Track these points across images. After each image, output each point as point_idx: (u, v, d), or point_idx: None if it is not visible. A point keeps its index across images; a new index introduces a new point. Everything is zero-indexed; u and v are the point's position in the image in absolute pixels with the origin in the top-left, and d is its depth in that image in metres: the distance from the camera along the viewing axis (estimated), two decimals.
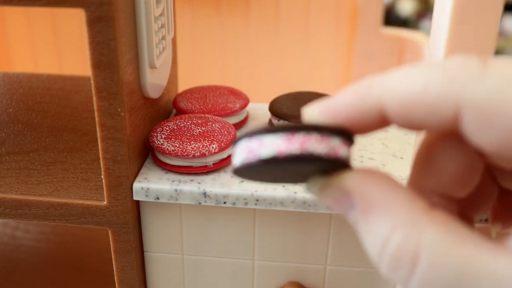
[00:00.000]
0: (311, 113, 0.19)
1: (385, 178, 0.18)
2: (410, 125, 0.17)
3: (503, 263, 0.15)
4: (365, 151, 0.35)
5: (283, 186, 0.31)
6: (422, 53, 0.60)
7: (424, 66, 0.17)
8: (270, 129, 0.18)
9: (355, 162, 0.34)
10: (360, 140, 0.37)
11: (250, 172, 0.20)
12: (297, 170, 0.19)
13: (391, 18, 1.66)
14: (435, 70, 0.16)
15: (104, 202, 0.32)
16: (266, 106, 0.42)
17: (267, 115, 0.40)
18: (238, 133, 0.20)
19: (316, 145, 0.18)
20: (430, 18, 0.29)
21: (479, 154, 0.19)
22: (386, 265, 0.17)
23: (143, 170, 0.33)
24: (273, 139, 0.18)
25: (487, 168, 0.21)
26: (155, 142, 0.33)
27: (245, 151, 0.19)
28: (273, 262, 0.34)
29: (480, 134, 0.16)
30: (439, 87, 0.16)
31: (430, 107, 0.16)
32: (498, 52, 1.60)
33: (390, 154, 0.35)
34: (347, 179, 0.18)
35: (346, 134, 0.18)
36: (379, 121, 0.18)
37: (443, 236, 0.16)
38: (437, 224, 0.16)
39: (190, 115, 0.37)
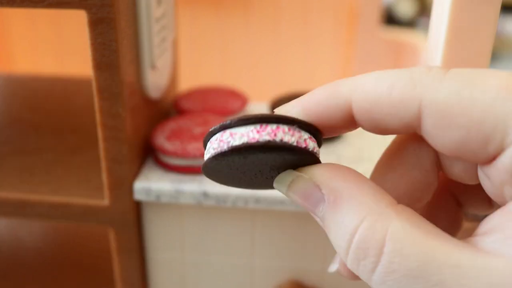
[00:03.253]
0: (285, 109, 0.19)
1: (353, 172, 0.18)
2: (374, 125, 0.18)
3: (466, 255, 0.15)
4: (364, 152, 0.36)
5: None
6: (420, 54, 0.60)
7: (392, 71, 0.18)
8: (242, 120, 0.19)
9: (355, 163, 0.35)
10: (359, 142, 0.37)
11: (219, 168, 0.20)
12: (267, 164, 0.19)
13: (391, 19, 1.66)
14: (401, 75, 0.17)
15: (105, 202, 0.32)
16: (266, 106, 0.42)
17: None
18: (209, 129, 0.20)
19: (287, 135, 0.18)
20: (429, 17, 0.29)
21: (436, 172, 0.20)
22: (352, 256, 0.17)
23: (144, 170, 0.34)
24: (245, 130, 0.18)
25: (445, 188, 0.22)
26: (155, 142, 0.34)
27: (216, 142, 0.19)
28: (273, 262, 0.34)
29: (439, 134, 0.17)
30: (403, 89, 0.17)
31: (394, 107, 0.17)
32: (495, 54, 1.60)
33: None
34: (315, 171, 0.19)
35: (315, 131, 0.19)
36: (346, 121, 0.19)
37: (409, 227, 0.16)
38: (403, 216, 0.17)
39: (190, 115, 0.37)
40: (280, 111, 0.20)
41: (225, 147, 0.19)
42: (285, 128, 0.18)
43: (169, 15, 0.36)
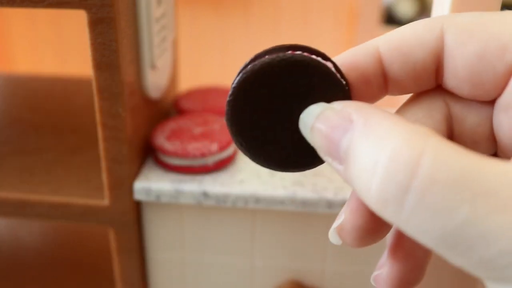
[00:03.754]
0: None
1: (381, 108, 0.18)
2: (402, 62, 0.19)
3: (510, 165, 0.15)
4: None
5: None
6: None
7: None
8: (269, 50, 0.18)
9: None
10: None
11: (245, 103, 0.19)
12: (296, 99, 0.19)
13: (391, 19, 1.66)
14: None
15: (105, 202, 0.32)
16: None
17: None
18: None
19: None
20: (429, 17, 0.29)
21: (445, 128, 0.20)
22: (383, 176, 0.15)
23: (144, 170, 0.34)
24: (279, 51, 0.18)
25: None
26: (155, 142, 0.34)
27: (247, 67, 0.19)
28: (273, 262, 0.34)
29: (459, 50, 0.18)
30: (425, 21, 0.19)
31: (418, 35, 0.18)
32: None
33: None
34: (347, 102, 0.18)
35: (346, 80, 0.19)
36: (376, 69, 0.19)
37: (446, 142, 0.15)
38: (440, 136, 0.16)
39: (190, 115, 0.37)
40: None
41: (258, 65, 0.18)
42: (319, 58, 0.18)
43: (169, 15, 0.36)
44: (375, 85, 0.19)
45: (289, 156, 0.19)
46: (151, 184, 0.32)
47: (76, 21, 0.65)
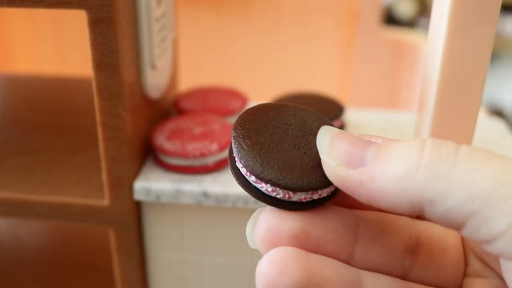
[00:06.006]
0: None
1: None
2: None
3: None
4: None
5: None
6: (420, 54, 0.60)
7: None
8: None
9: None
10: None
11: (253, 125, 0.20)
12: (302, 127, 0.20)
13: (391, 19, 1.66)
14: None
15: (105, 202, 0.32)
16: None
17: None
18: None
19: None
20: (429, 17, 0.29)
21: None
22: (432, 151, 0.16)
23: (144, 170, 0.34)
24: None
25: None
26: (155, 142, 0.34)
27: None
28: None
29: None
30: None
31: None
32: (496, 54, 1.60)
33: None
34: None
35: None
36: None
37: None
38: None
39: (190, 115, 0.37)
40: None
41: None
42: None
43: (169, 15, 0.36)
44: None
45: (297, 176, 0.19)
46: (151, 184, 0.32)
47: (76, 21, 0.65)
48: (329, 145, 0.18)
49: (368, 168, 0.17)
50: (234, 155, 0.19)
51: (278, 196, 0.19)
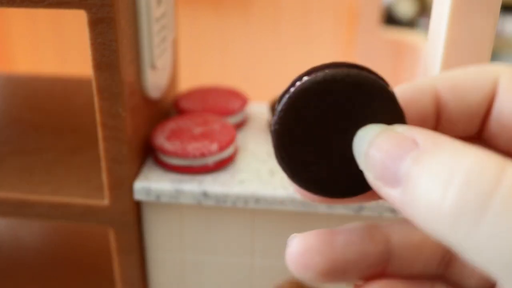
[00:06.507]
0: None
1: None
2: (458, 101, 0.18)
3: None
4: None
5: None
6: (420, 54, 0.60)
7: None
8: (328, 65, 0.17)
9: None
10: None
11: (292, 123, 0.17)
12: (353, 111, 0.17)
13: (391, 19, 1.66)
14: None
15: (106, 202, 0.32)
16: (266, 106, 0.42)
17: (267, 115, 0.41)
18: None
19: None
20: (429, 17, 0.29)
21: None
22: (463, 185, 0.14)
23: (144, 170, 0.34)
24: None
25: None
26: (155, 142, 0.34)
27: (295, 85, 0.17)
28: (273, 261, 0.34)
29: (510, 95, 0.18)
30: (481, 67, 0.18)
31: (474, 79, 0.18)
32: (495, 53, 1.60)
33: None
34: (407, 126, 0.17)
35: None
36: (432, 107, 0.18)
37: None
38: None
39: (190, 115, 0.37)
40: None
41: (306, 82, 0.17)
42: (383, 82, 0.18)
43: (169, 15, 0.36)
44: (429, 124, 0.19)
45: (333, 180, 0.18)
46: (151, 184, 0.32)
47: (76, 21, 0.65)
48: (365, 156, 0.17)
49: (400, 190, 0.15)
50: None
51: None
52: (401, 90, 0.18)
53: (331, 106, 0.17)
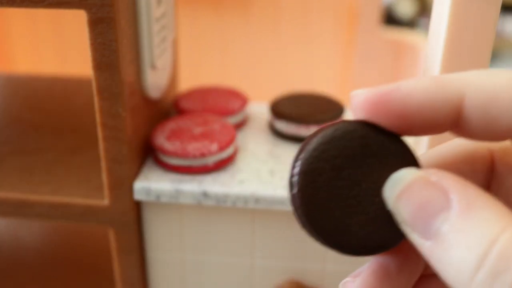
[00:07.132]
0: (387, 88, 0.17)
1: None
2: (485, 124, 0.17)
3: None
4: None
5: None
6: (420, 54, 0.60)
7: (503, 70, 0.17)
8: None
9: None
10: None
11: (315, 185, 0.17)
12: (368, 172, 0.17)
13: (391, 19, 1.66)
14: None
15: (106, 202, 0.32)
16: (266, 106, 0.42)
17: (267, 115, 0.41)
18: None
19: None
20: (429, 17, 0.29)
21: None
22: (489, 270, 0.14)
23: (144, 169, 0.34)
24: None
25: None
26: (155, 142, 0.34)
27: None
28: (273, 261, 0.34)
29: None
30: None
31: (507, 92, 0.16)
32: (495, 54, 1.60)
33: None
34: (442, 172, 0.16)
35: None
36: (451, 116, 0.17)
37: None
38: None
39: (190, 115, 0.37)
40: (380, 88, 0.17)
41: (326, 135, 0.17)
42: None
43: (169, 15, 0.36)
44: (439, 128, 0.18)
45: (368, 237, 0.17)
46: (151, 184, 0.32)
47: (76, 21, 0.65)
48: (395, 203, 0.16)
49: (430, 243, 0.15)
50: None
51: None
52: (420, 92, 0.17)
53: (347, 159, 0.17)
